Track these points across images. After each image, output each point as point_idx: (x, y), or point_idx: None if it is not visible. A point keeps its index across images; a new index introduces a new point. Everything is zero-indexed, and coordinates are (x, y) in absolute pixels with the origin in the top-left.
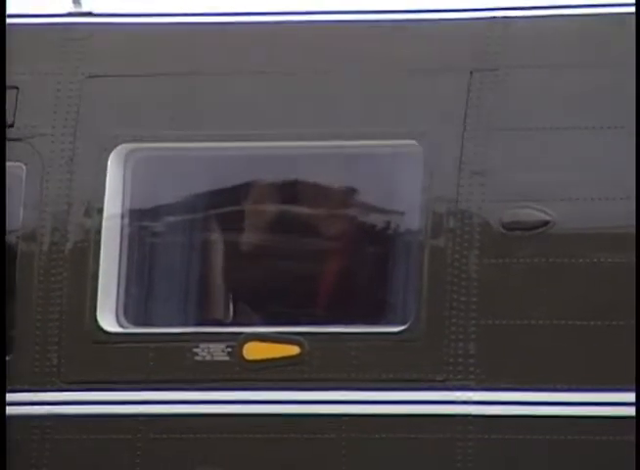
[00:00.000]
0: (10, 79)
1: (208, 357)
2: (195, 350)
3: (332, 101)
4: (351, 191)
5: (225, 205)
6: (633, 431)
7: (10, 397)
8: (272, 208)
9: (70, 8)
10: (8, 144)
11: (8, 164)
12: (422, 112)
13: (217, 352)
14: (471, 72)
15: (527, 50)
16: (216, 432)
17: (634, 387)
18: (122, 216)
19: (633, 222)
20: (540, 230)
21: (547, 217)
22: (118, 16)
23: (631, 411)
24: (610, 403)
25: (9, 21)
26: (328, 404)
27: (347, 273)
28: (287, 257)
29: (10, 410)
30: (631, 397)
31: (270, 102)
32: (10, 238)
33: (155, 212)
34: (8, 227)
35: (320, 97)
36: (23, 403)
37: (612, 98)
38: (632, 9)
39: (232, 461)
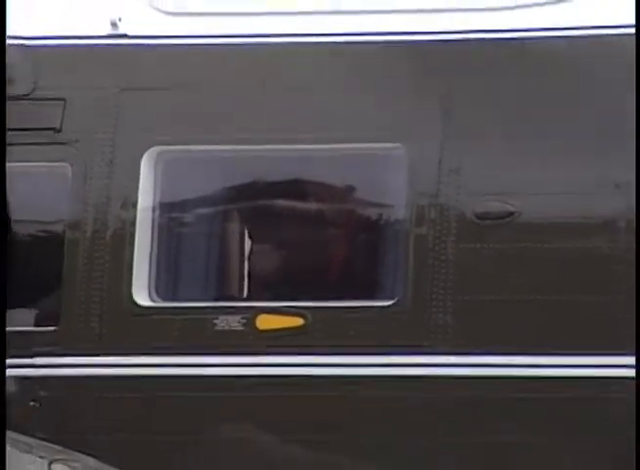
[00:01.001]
0: (57, 93)
1: (227, 327)
2: (215, 321)
3: (335, 111)
4: (350, 187)
5: (241, 199)
6: (585, 388)
7: (58, 360)
8: (281, 201)
9: (109, 31)
10: (55, 147)
11: (55, 164)
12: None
13: (234, 323)
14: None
15: None
16: (232, 390)
17: (586, 352)
18: (154, 209)
19: (584, 213)
20: (507, 220)
21: (512, 209)
22: (148, 37)
23: (583, 372)
24: (567, 366)
25: (58, 42)
26: (328, 367)
27: (346, 257)
28: (294, 243)
29: (58, 372)
30: (582, 360)
31: (274, 112)
32: (57, 227)
33: (181, 205)
34: (55, 218)
35: (324, 107)
36: (70, 366)
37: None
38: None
39: (246, 415)
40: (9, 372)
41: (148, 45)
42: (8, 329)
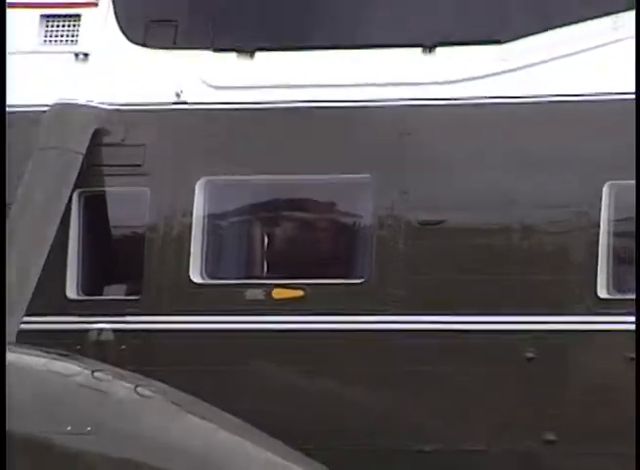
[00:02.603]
0: (139, 140)
1: (253, 297)
2: (245, 293)
3: (318, 155)
4: (334, 203)
5: (261, 212)
6: (488, 337)
7: (140, 318)
8: (287, 213)
9: (175, 99)
10: (139, 177)
11: (138, 188)
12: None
13: (258, 294)
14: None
15: None
16: (254, 339)
17: (488, 312)
18: (203, 218)
19: (485, 221)
20: (438, 225)
21: (442, 218)
22: (200, 104)
23: (489, 327)
24: (479, 322)
25: (139, 107)
26: (320, 324)
27: (332, 251)
28: (297, 241)
29: (140, 326)
30: (488, 318)
31: (286, 148)
32: (140, 231)
33: (221, 216)
34: (140, 223)
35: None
36: (147, 322)
37: None
38: None
39: (263, 353)
40: (110, 326)
41: (200, 109)
42: (111, 297)
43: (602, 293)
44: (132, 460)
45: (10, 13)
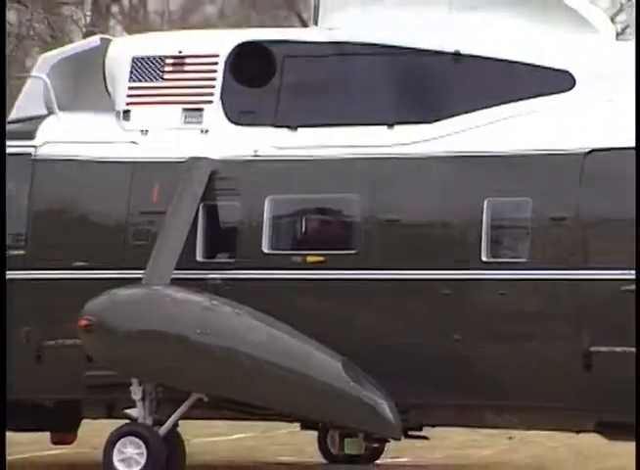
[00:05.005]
0: (234, 176)
1: (298, 261)
2: (293, 259)
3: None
4: (341, 210)
5: (297, 215)
6: (434, 283)
7: (231, 272)
8: (315, 215)
9: (253, 155)
10: (233, 196)
11: (233, 202)
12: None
13: (300, 259)
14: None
15: None
16: (297, 282)
17: (429, 268)
18: (269, 219)
19: (425, 218)
20: (396, 222)
21: (398, 217)
22: (270, 156)
23: (434, 276)
24: (429, 275)
25: (229, 159)
26: (332, 275)
27: (340, 235)
28: (321, 231)
29: (230, 276)
30: (429, 272)
31: (311, 179)
32: (236, 224)
33: (281, 216)
34: (235, 220)
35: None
36: (235, 274)
37: None
38: None
39: (297, 297)
40: (219, 276)
41: (268, 160)
42: (219, 260)
43: (483, 257)
44: (231, 348)
45: (161, 106)
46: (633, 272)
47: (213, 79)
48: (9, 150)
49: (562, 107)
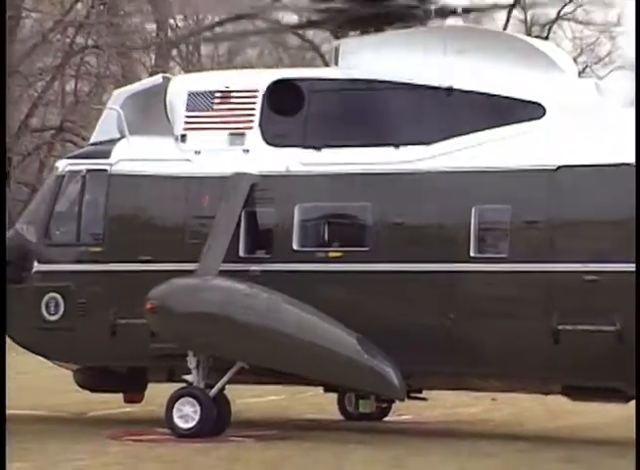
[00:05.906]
0: (270, 187)
1: (322, 256)
2: (317, 254)
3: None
4: (355, 215)
5: (325, 218)
6: (427, 276)
7: (267, 264)
8: (336, 220)
9: (285, 170)
10: (268, 204)
11: (266, 208)
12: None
13: (323, 254)
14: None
15: None
16: (321, 274)
17: (421, 260)
18: (299, 221)
19: (413, 222)
20: (399, 226)
21: (401, 221)
22: (298, 171)
23: (426, 268)
24: (420, 267)
25: (266, 174)
26: (348, 267)
27: (355, 236)
28: (340, 234)
29: (266, 269)
30: (417, 265)
31: (329, 190)
32: (270, 225)
33: (308, 219)
34: (271, 223)
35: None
36: (271, 267)
37: None
38: None
39: (322, 286)
40: (258, 268)
41: (298, 175)
42: (257, 255)
43: (472, 253)
44: (268, 326)
45: (211, 131)
46: (594, 265)
47: (253, 110)
48: (90, 167)
49: (535, 131)
